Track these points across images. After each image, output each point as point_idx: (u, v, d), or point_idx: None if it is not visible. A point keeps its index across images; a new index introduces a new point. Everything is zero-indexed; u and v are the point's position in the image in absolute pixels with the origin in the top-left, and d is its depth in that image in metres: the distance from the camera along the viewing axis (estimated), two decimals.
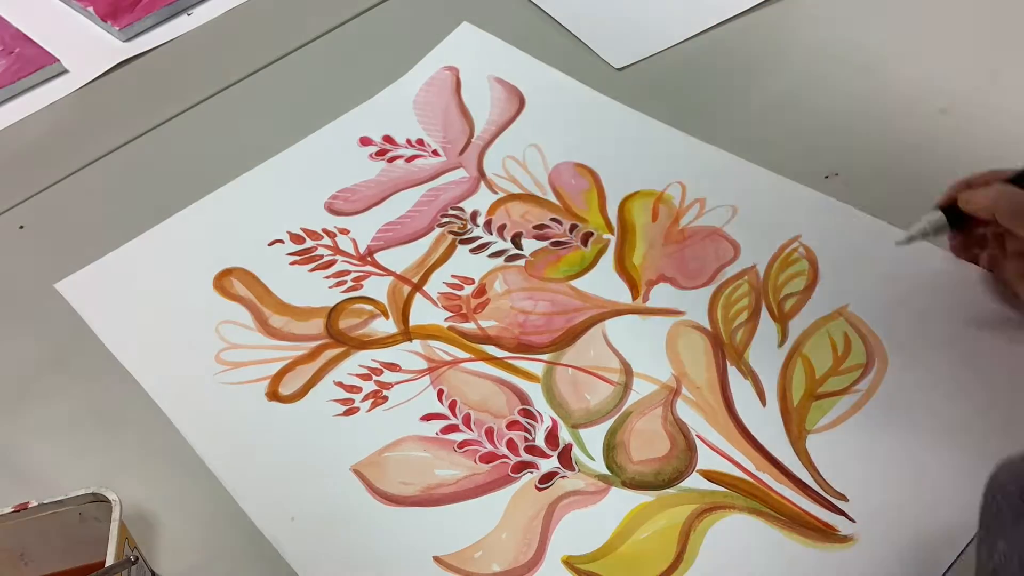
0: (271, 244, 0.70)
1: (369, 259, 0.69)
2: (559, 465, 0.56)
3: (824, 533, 0.52)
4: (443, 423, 0.59)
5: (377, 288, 0.67)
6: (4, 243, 0.74)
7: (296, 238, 0.71)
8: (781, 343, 0.61)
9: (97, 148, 0.80)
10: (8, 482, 0.59)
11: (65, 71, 0.89)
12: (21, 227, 0.75)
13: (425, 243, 0.70)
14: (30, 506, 0.49)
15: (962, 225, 0.58)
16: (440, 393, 0.60)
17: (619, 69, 0.82)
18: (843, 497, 0.53)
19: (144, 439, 0.60)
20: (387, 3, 0.92)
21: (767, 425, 0.57)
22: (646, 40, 0.84)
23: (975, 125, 0.72)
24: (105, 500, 0.49)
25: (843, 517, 0.52)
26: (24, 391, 0.63)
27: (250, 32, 0.91)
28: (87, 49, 0.90)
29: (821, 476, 0.54)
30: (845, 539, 0.51)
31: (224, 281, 0.68)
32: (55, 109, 0.85)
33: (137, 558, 0.48)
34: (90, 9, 0.93)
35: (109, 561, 0.47)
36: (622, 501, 0.54)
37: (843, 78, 0.78)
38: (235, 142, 0.79)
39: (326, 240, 0.70)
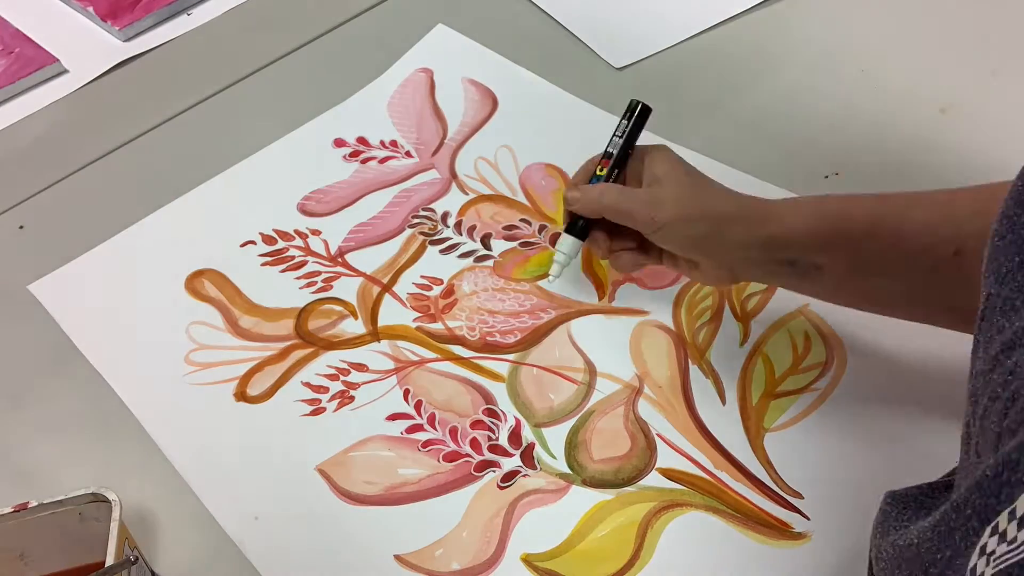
0: (243, 245, 0.71)
1: (340, 260, 0.70)
2: (521, 464, 0.57)
3: (779, 530, 0.52)
4: (408, 423, 0.60)
5: (347, 289, 0.68)
6: (4, 243, 0.74)
7: (268, 239, 0.71)
8: (743, 342, 0.61)
9: (97, 148, 0.81)
10: (8, 482, 0.59)
11: (65, 71, 0.89)
12: (21, 227, 0.75)
13: (396, 244, 0.70)
14: (30, 506, 0.50)
15: (586, 233, 0.58)
16: (406, 393, 0.61)
17: (619, 69, 0.83)
18: (798, 495, 0.54)
19: (144, 439, 0.60)
20: (387, 3, 0.93)
21: (726, 424, 0.57)
22: (646, 40, 0.85)
23: (974, 125, 0.73)
24: (105, 500, 0.50)
25: (798, 515, 0.53)
26: (25, 391, 0.64)
27: (250, 32, 0.91)
28: (87, 49, 0.91)
29: (777, 474, 0.55)
30: (799, 536, 0.52)
31: (196, 282, 0.69)
32: (55, 109, 0.86)
33: (137, 558, 0.49)
34: (90, 9, 0.93)
35: (109, 561, 0.47)
36: (582, 499, 0.55)
37: (843, 77, 0.79)
38: (236, 140, 0.80)
39: (298, 241, 0.71)
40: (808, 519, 0.53)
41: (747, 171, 0.71)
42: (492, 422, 0.59)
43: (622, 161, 0.56)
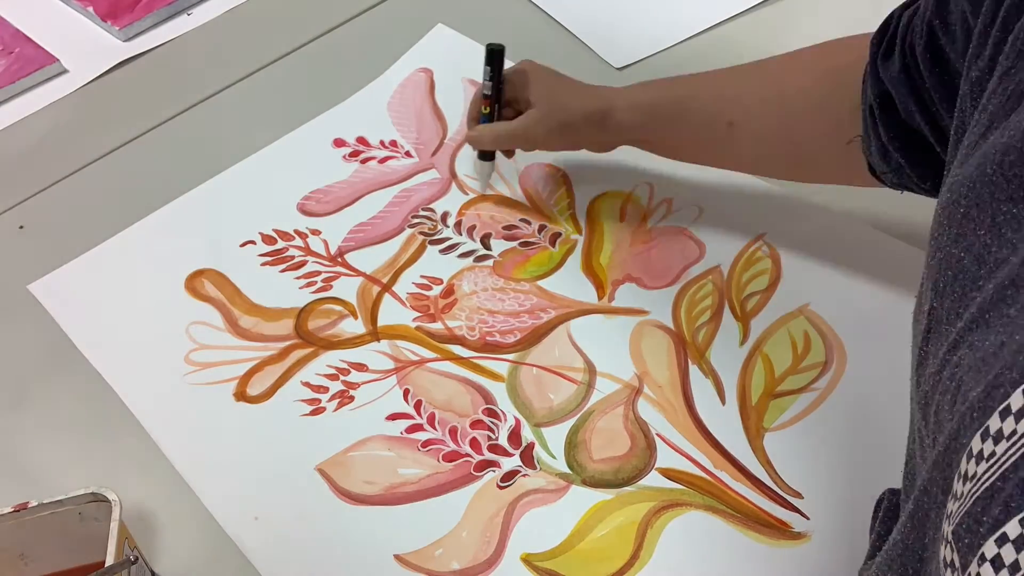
0: (243, 245, 0.71)
1: (340, 260, 0.70)
2: (521, 464, 0.57)
3: (778, 530, 0.52)
4: (408, 422, 0.60)
5: (347, 289, 0.68)
6: (4, 243, 0.74)
7: (268, 239, 0.71)
8: (742, 342, 0.61)
9: (97, 148, 0.81)
10: (8, 482, 0.59)
11: (65, 71, 0.89)
12: (21, 227, 0.75)
13: (395, 244, 0.70)
14: (30, 506, 0.50)
15: (493, 156, 0.71)
16: (406, 393, 0.61)
17: (619, 69, 0.82)
18: (798, 495, 0.54)
19: (144, 439, 0.60)
20: (387, 3, 0.93)
21: (726, 423, 0.57)
22: (646, 40, 0.85)
23: None
24: (105, 500, 0.50)
25: (797, 514, 0.53)
26: (25, 391, 0.64)
27: (250, 32, 0.91)
28: (87, 49, 0.91)
29: (777, 474, 0.55)
30: (799, 536, 0.52)
31: (195, 282, 0.69)
32: (55, 109, 0.86)
33: (137, 558, 0.49)
34: (90, 9, 0.93)
35: (109, 561, 0.47)
36: (581, 499, 0.55)
37: None
38: (236, 140, 0.79)
39: (297, 241, 0.71)
40: (808, 519, 0.53)
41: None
42: (492, 422, 0.59)
43: (498, 97, 0.68)
